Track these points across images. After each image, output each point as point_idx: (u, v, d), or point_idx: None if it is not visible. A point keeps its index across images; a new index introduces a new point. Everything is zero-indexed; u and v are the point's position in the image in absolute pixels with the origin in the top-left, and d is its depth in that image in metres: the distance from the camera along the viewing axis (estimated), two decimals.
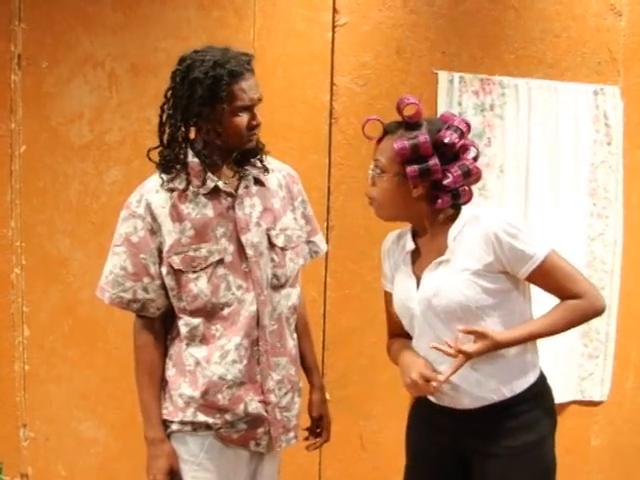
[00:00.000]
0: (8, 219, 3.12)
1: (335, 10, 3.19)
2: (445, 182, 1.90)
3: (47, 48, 3.07)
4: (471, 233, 1.91)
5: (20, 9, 3.05)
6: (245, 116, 1.98)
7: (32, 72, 3.07)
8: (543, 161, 3.36)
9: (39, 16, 3.06)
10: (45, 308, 3.17)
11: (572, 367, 3.49)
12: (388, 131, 1.96)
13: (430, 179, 1.90)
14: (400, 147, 1.87)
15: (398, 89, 3.23)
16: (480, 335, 1.85)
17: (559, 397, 3.41)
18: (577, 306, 1.92)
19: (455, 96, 3.28)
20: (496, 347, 1.88)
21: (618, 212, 3.48)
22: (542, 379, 2.04)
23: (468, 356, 1.85)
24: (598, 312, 1.95)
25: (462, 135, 1.92)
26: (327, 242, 3.16)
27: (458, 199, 1.95)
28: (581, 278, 1.94)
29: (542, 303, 2.01)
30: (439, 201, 1.92)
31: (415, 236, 2.06)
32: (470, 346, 1.85)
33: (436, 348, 1.87)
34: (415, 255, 2.05)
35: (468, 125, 1.96)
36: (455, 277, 1.90)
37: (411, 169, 1.88)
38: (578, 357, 3.50)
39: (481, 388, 1.94)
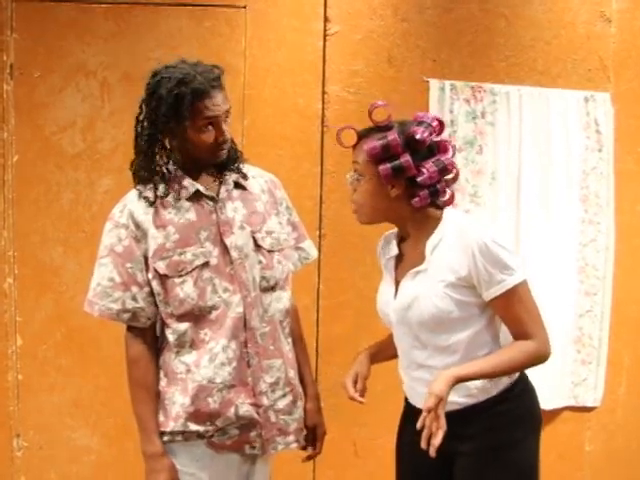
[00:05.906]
0: (1, 229, 3.12)
1: (326, 19, 3.21)
2: (420, 179, 1.89)
3: (39, 58, 3.09)
4: (451, 243, 1.89)
5: (12, 19, 3.06)
6: (211, 132, 1.99)
7: (24, 82, 3.09)
8: (534, 168, 3.37)
9: (31, 26, 3.07)
10: (38, 317, 3.17)
11: (565, 373, 3.49)
12: (362, 136, 1.97)
13: (404, 176, 1.89)
14: (371, 147, 1.89)
15: (389, 97, 3.22)
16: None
17: (552, 403, 3.47)
18: (526, 347, 1.88)
19: (446, 104, 3.30)
20: (453, 383, 1.82)
21: (610, 218, 3.49)
22: (520, 382, 2.00)
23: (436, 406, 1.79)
24: (542, 358, 1.90)
25: (433, 132, 1.92)
26: (320, 250, 3.17)
27: (437, 197, 1.94)
28: (539, 320, 1.90)
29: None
30: (416, 199, 1.91)
31: (400, 241, 2.06)
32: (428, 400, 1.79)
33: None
34: (399, 259, 2.05)
35: (440, 123, 1.96)
36: (430, 288, 1.89)
37: (384, 167, 1.88)
38: (571, 363, 3.50)
39: None
